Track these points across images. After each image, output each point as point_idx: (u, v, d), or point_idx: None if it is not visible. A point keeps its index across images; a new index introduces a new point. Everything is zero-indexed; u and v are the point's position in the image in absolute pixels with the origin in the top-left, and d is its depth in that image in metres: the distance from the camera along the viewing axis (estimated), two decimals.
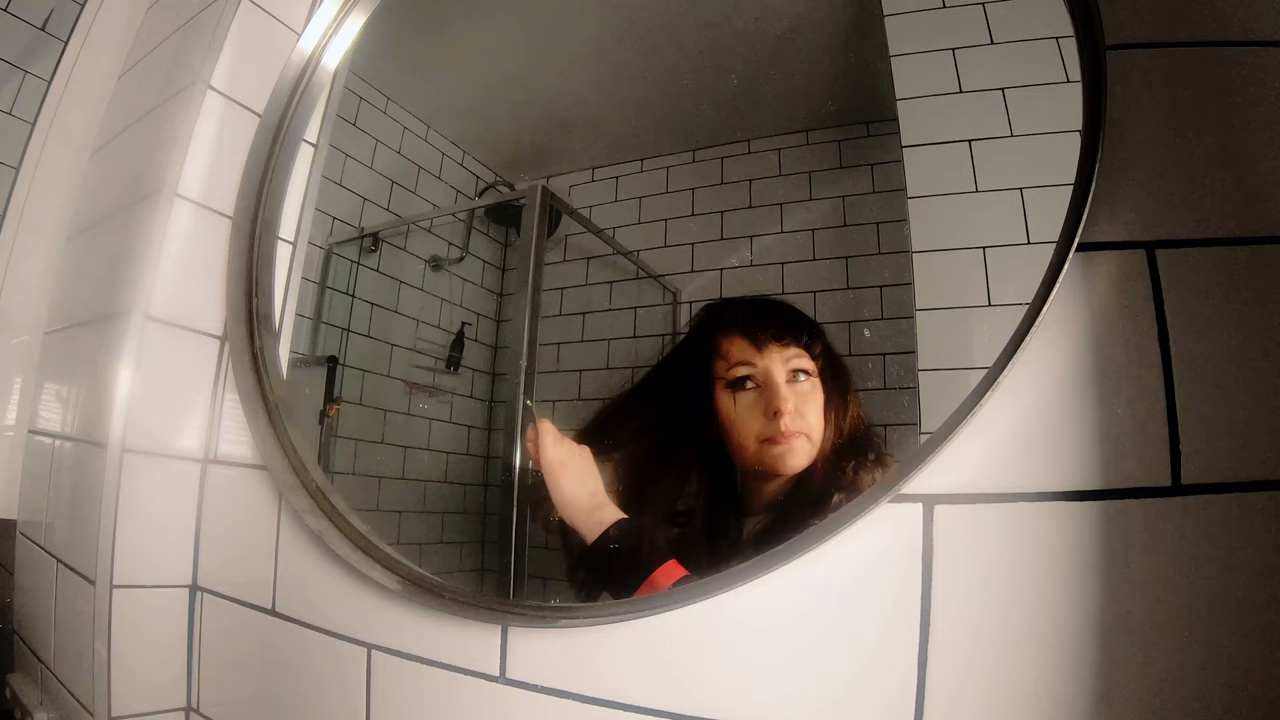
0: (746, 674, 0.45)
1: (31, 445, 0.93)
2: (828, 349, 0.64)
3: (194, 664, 0.75)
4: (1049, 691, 0.38)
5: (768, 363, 0.63)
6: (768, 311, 0.72)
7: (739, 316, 0.70)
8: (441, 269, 1.09)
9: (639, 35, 0.96)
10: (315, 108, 0.85)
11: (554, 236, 0.97)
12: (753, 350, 0.64)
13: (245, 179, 0.81)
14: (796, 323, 0.66)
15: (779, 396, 0.61)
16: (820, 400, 0.62)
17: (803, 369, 0.63)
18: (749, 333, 0.65)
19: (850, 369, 0.64)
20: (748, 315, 0.70)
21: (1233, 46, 0.42)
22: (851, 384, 0.63)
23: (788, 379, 0.62)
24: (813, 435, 0.61)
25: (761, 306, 0.74)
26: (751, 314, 0.71)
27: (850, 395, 0.63)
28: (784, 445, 0.61)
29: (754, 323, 0.67)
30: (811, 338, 0.63)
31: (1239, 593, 0.36)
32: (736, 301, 0.80)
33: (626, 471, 0.72)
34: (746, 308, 0.75)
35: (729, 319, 0.70)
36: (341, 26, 0.85)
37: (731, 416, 0.64)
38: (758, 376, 0.63)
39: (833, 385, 0.63)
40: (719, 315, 0.75)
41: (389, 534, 0.69)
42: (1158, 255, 0.40)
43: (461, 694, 0.55)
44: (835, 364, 0.64)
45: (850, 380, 0.63)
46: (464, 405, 1.04)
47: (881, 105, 0.62)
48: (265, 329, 0.76)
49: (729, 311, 0.75)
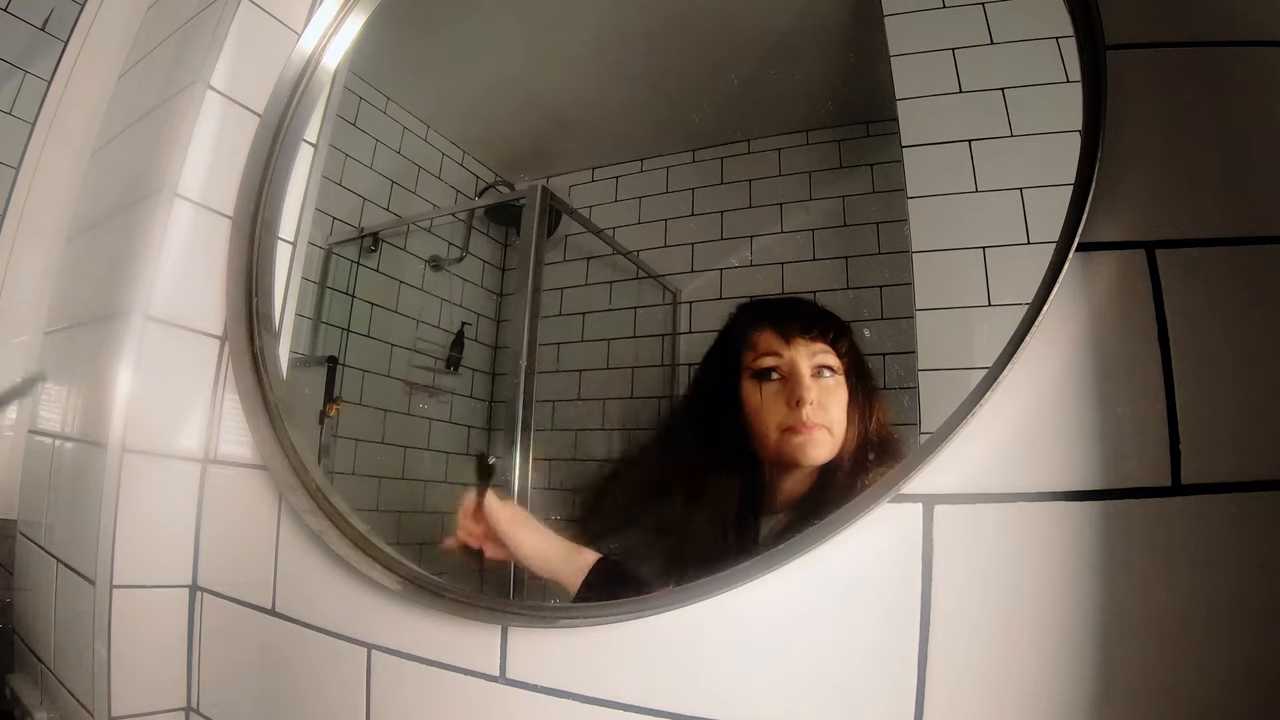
0: (746, 674, 0.45)
1: (31, 445, 0.93)
2: (854, 349, 0.65)
3: (194, 664, 0.75)
4: (1049, 691, 0.38)
5: (794, 354, 0.64)
6: (798, 307, 0.74)
7: (770, 311, 0.72)
8: (441, 269, 1.09)
9: (639, 35, 0.96)
10: (315, 108, 0.85)
11: (554, 236, 0.97)
12: (780, 342, 0.65)
13: (245, 179, 0.81)
14: (824, 319, 0.67)
15: (802, 385, 0.62)
16: (844, 397, 0.63)
17: (828, 365, 0.63)
18: (777, 325, 0.66)
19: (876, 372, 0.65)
20: (778, 310, 0.73)
21: (1233, 46, 0.42)
22: (876, 388, 0.64)
23: (813, 373, 0.63)
24: (834, 429, 0.62)
25: (793, 304, 0.77)
26: (782, 309, 0.73)
27: (875, 398, 0.63)
28: (805, 435, 0.62)
29: (783, 316, 0.69)
30: (839, 335, 0.64)
31: (1238, 593, 0.36)
32: (770, 299, 0.82)
33: (666, 468, 0.73)
34: (778, 304, 0.78)
35: (761, 313, 0.73)
36: (341, 26, 0.85)
37: (756, 406, 0.65)
38: (783, 368, 0.64)
39: (858, 385, 0.63)
40: (752, 310, 0.77)
41: (389, 534, 0.69)
42: (1158, 255, 0.40)
43: (461, 694, 0.55)
44: (861, 365, 0.65)
45: (875, 384, 0.64)
46: (464, 405, 1.04)
47: (881, 105, 0.62)
48: (265, 329, 0.76)
49: (762, 306, 0.78)
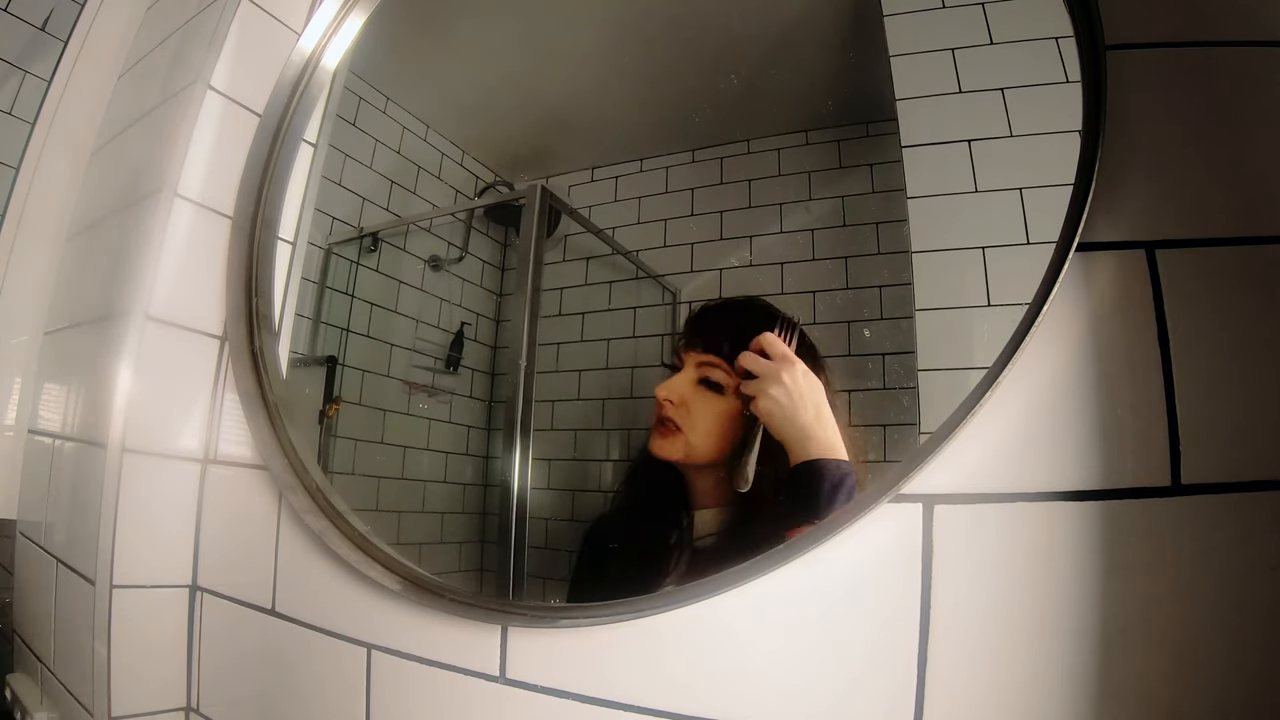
0: (746, 674, 0.45)
1: (31, 445, 0.93)
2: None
3: (194, 664, 0.75)
4: (1048, 691, 0.38)
5: (686, 359, 0.66)
6: (708, 318, 0.75)
7: (693, 317, 0.78)
8: (441, 269, 1.09)
9: (639, 35, 0.96)
10: (315, 108, 0.85)
11: (553, 236, 0.97)
12: (682, 346, 0.68)
13: (245, 179, 0.81)
14: (717, 335, 0.66)
15: (667, 385, 0.65)
16: (718, 410, 0.62)
17: (712, 379, 0.63)
18: (685, 330, 0.72)
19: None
20: (696, 317, 0.78)
21: (1232, 46, 0.42)
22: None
23: (696, 380, 0.64)
24: (692, 434, 0.63)
25: (706, 314, 0.77)
26: (696, 318, 0.77)
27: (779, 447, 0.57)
28: (656, 428, 0.65)
29: (692, 323, 0.74)
30: (732, 353, 0.62)
31: (1238, 592, 0.36)
32: (713, 304, 0.82)
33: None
34: (701, 313, 0.79)
35: (691, 317, 0.78)
36: (341, 26, 0.85)
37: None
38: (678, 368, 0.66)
39: (748, 412, 0.59)
40: (692, 315, 0.81)
41: (389, 534, 0.69)
42: (1158, 255, 0.40)
43: (461, 694, 0.55)
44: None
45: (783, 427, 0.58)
46: (463, 405, 1.04)
47: (881, 105, 0.62)
48: (265, 329, 0.76)
49: (698, 313, 0.81)
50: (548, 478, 0.88)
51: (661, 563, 0.64)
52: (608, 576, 0.72)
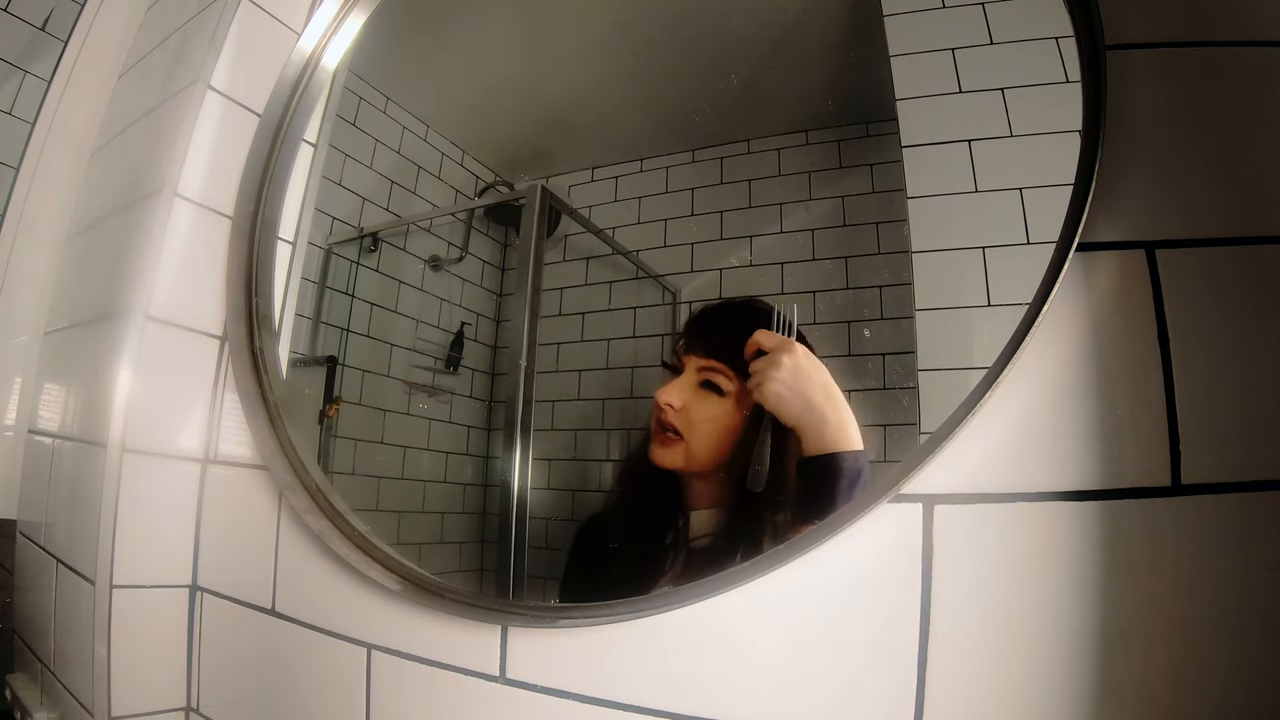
0: (746, 674, 0.45)
1: (31, 445, 0.93)
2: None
3: (194, 664, 0.75)
4: (1048, 691, 0.38)
5: (687, 362, 0.65)
6: (710, 319, 0.74)
7: (694, 318, 0.77)
8: (441, 269, 1.09)
9: (639, 35, 0.96)
10: (315, 108, 0.85)
11: (553, 236, 0.97)
12: (683, 348, 0.67)
13: (245, 179, 0.81)
14: (719, 337, 0.65)
15: (667, 390, 0.64)
16: (719, 414, 0.62)
17: (713, 382, 0.62)
18: (685, 332, 0.71)
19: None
20: (696, 319, 0.77)
21: (1233, 46, 0.42)
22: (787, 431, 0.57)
23: (698, 383, 0.63)
24: (694, 441, 0.62)
25: (707, 315, 0.77)
26: (696, 320, 0.77)
27: (789, 437, 0.56)
28: (658, 434, 0.64)
29: (693, 325, 0.73)
30: (734, 360, 0.60)
31: (1238, 592, 0.36)
32: (713, 305, 0.82)
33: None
34: (702, 314, 0.79)
35: (692, 318, 0.78)
36: (341, 26, 0.85)
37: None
38: (680, 367, 0.66)
39: (752, 416, 0.59)
40: (693, 316, 0.81)
41: (389, 534, 0.69)
42: (1158, 255, 0.40)
43: (461, 694, 0.55)
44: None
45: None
46: (463, 405, 1.04)
47: (881, 105, 0.62)
48: (265, 329, 0.76)
49: (699, 314, 0.81)
50: (548, 478, 0.88)
51: (657, 563, 0.64)
52: (601, 576, 0.72)
